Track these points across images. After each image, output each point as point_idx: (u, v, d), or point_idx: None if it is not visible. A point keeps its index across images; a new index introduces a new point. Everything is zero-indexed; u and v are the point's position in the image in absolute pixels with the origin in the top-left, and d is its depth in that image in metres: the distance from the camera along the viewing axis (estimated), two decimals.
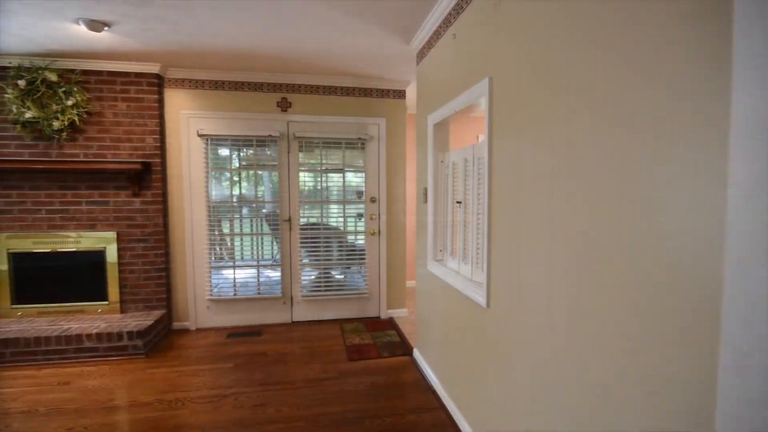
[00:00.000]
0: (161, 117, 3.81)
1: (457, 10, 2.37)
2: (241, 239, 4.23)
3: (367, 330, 4.01)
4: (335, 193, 4.28)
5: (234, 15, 2.67)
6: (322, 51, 3.35)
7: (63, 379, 3.03)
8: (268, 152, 4.12)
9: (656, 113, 1.03)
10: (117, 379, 3.05)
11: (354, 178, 4.32)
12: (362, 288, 4.36)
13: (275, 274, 4.24)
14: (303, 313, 4.28)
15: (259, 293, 4.16)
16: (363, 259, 4.35)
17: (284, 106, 4.08)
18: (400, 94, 4.31)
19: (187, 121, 3.92)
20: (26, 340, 3.24)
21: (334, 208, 4.31)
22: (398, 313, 4.43)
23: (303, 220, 4.23)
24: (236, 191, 4.13)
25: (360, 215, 4.34)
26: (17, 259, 3.64)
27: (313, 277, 4.33)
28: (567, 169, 1.40)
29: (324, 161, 4.21)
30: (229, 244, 4.19)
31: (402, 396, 2.82)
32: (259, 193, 4.21)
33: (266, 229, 4.24)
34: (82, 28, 2.83)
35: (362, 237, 4.36)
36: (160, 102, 3.80)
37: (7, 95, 3.39)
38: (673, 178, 0.98)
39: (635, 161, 1.10)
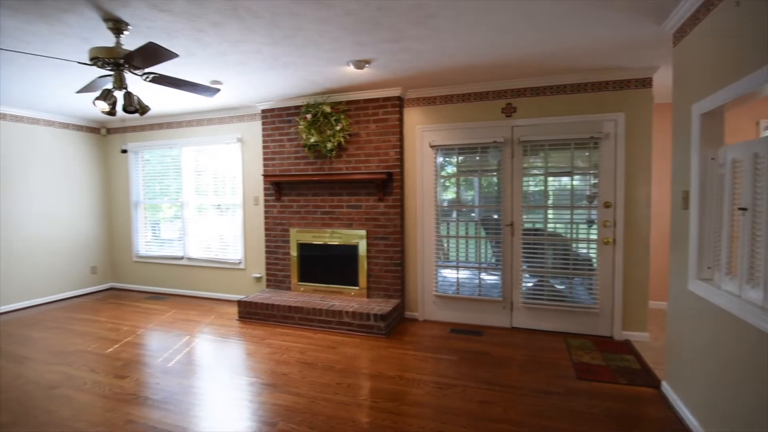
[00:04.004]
0: (401, 133, 4.43)
1: None
2: (457, 241, 4.47)
3: (597, 349, 3.62)
4: (560, 197, 4.04)
5: (467, 33, 2.86)
6: (550, 51, 3.22)
7: (330, 344, 3.88)
8: (478, 158, 4.24)
9: None
10: (366, 351, 3.70)
11: (582, 181, 3.97)
12: (589, 302, 3.96)
13: (490, 278, 4.31)
14: (522, 319, 4.20)
15: (479, 294, 4.31)
16: (591, 270, 3.95)
17: (509, 111, 4.11)
18: (645, 83, 3.72)
19: (421, 134, 4.42)
20: (307, 309, 4.30)
21: (559, 213, 4.06)
22: (636, 337, 3.83)
23: (525, 226, 4.16)
24: (453, 196, 4.42)
25: (590, 222, 3.95)
26: (302, 248, 4.87)
27: (531, 284, 4.19)
28: None
29: (549, 164, 4.03)
30: (445, 245, 4.50)
31: None
32: (473, 198, 4.38)
33: (481, 232, 4.36)
34: (350, 68, 3.57)
35: (588, 245, 3.96)
36: (400, 120, 4.42)
37: (300, 127, 4.59)
38: None
39: None
